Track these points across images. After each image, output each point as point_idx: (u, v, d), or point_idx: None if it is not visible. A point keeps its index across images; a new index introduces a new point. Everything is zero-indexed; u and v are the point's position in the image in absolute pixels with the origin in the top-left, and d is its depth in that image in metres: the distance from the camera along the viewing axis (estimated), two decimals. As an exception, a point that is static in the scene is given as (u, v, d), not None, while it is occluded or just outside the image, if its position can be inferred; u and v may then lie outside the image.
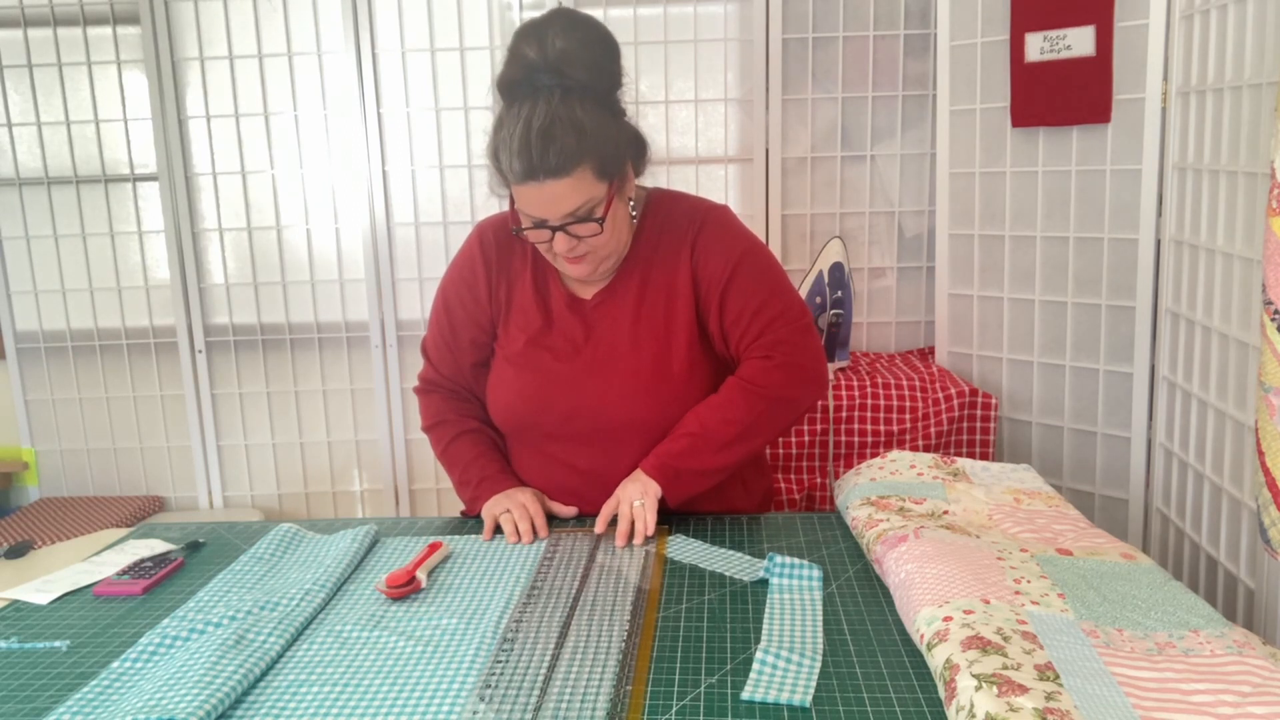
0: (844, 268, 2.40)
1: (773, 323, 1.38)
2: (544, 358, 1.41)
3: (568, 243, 1.28)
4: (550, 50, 1.23)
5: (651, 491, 1.34)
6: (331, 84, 2.71)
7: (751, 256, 1.40)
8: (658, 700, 0.93)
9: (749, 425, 1.37)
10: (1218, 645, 0.94)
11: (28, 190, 2.78)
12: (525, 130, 1.22)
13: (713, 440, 1.36)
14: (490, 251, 1.45)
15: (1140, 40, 2.08)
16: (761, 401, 1.37)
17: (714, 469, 1.37)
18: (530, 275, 1.44)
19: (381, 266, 2.77)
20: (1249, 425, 1.68)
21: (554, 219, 1.26)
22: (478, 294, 1.45)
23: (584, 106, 1.24)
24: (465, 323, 1.47)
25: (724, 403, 1.38)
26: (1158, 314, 2.12)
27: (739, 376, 1.39)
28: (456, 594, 1.18)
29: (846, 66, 2.63)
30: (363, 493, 2.93)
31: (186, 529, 1.46)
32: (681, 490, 1.36)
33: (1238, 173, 1.74)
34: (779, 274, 1.43)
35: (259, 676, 0.99)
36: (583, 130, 1.23)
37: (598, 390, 1.38)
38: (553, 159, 1.21)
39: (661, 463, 1.36)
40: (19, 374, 2.85)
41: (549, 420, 1.41)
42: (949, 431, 2.29)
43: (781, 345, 1.38)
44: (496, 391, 1.46)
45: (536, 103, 1.23)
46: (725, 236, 1.41)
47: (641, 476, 1.36)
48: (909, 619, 1.04)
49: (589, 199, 1.26)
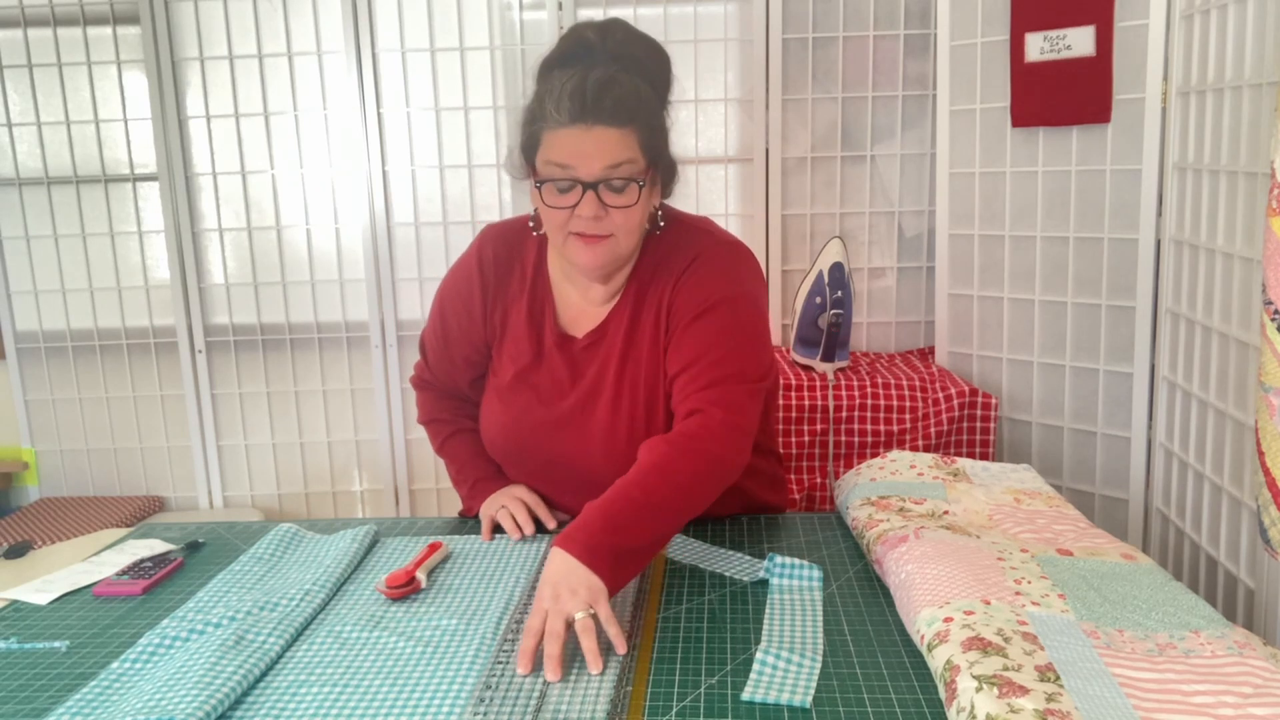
0: (844, 268, 2.40)
1: (724, 378, 1.23)
2: (528, 399, 1.36)
3: (595, 208, 1.20)
4: (611, 40, 1.23)
5: (600, 594, 1.04)
6: (331, 84, 2.71)
7: (729, 305, 1.28)
8: (658, 700, 0.93)
9: (688, 487, 1.16)
10: (1218, 646, 0.94)
11: (28, 190, 2.78)
12: (581, 79, 1.18)
13: (651, 506, 1.13)
14: (489, 272, 1.39)
15: (1140, 40, 2.08)
16: (696, 461, 1.18)
17: (650, 542, 1.13)
18: (526, 303, 1.37)
19: (381, 266, 2.77)
20: (1249, 425, 1.68)
21: (591, 173, 1.18)
22: (473, 313, 1.40)
23: (644, 84, 1.23)
24: (460, 340, 1.43)
25: (660, 463, 1.17)
26: (1158, 314, 2.12)
27: (676, 433, 1.21)
28: (456, 594, 1.18)
29: (846, 66, 2.62)
30: (363, 493, 2.93)
31: (186, 529, 1.46)
32: (621, 579, 1.09)
33: (1238, 173, 1.74)
34: (752, 331, 1.29)
35: (259, 677, 0.99)
36: (641, 96, 1.21)
37: (575, 441, 1.34)
38: (609, 104, 1.17)
39: (595, 543, 1.07)
40: (19, 374, 2.85)
41: (530, 464, 1.40)
42: (949, 431, 2.29)
43: (723, 403, 1.22)
44: (485, 422, 1.44)
45: (594, 65, 1.20)
46: (710, 278, 1.30)
47: (574, 569, 1.05)
48: (909, 620, 1.04)
49: (630, 160, 1.20)
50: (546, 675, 0.97)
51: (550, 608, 1.02)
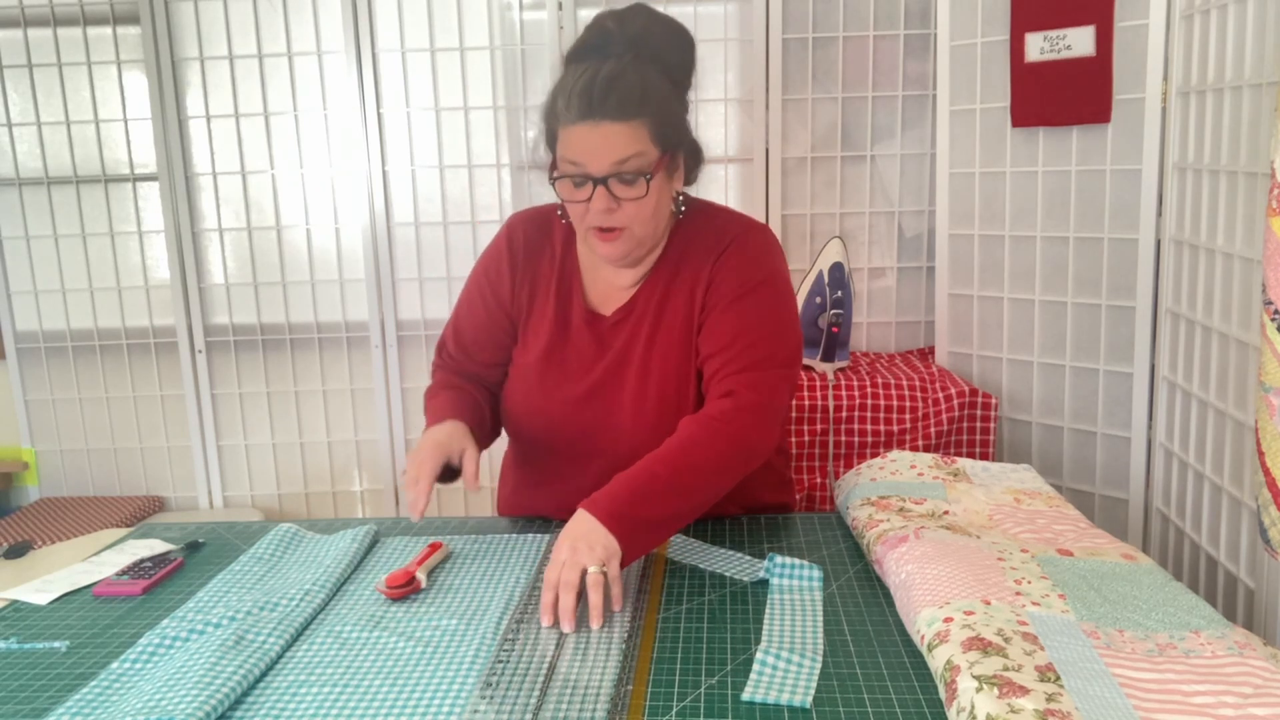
0: (844, 268, 2.40)
1: (759, 362, 1.27)
2: (555, 374, 1.38)
3: (606, 201, 1.23)
4: (630, 27, 1.25)
5: (614, 554, 1.10)
6: (331, 84, 2.71)
7: (768, 288, 1.32)
8: (658, 701, 0.93)
9: (715, 469, 1.21)
10: (1219, 646, 0.94)
11: (28, 190, 2.78)
12: (591, 75, 1.21)
13: (677, 484, 1.17)
14: (519, 252, 1.42)
15: (1140, 40, 2.08)
16: (727, 443, 1.22)
17: (671, 517, 1.18)
18: (555, 283, 1.40)
19: (381, 266, 2.77)
20: (1249, 425, 1.68)
21: (600, 169, 1.21)
22: (501, 292, 1.42)
23: (655, 73, 1.24)
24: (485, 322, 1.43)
25: (689, 442, 1.21)
26: (1158, 314, 2.12)
27: (707, 414, 1.25)
28: (456, 594, 1.18)
29: (846, 66, 2.62)
30: (363, 493, 2.93)
31: (186, 529, 1.46)
32: (637, 549, 1.14)
33: (1238, 173, 1.74)
34: (789, 317, 1.33)
35: (259, 677, 0.99)
36: (649, 87, 1.22)
37: (602, 414, 1.35)
38: (614, 101, 1.19)
39: (619, 510, 1.13)
40: (19, 374, 2.85)
41: (557, 440, 1.40)
42: (949, 431, 2.29)
43: (758, 386, 1.25)
44: (509, 401, 1.44)
45: (607, 59, 1.23)
46: (749, 260, 1.33)
47: (595, 528, 1.11)
48: (909, 620, 1.04)
49: (640, 153, 1.22)
50: (562, 627, 1.05)
51: (567, 559, 1.08)
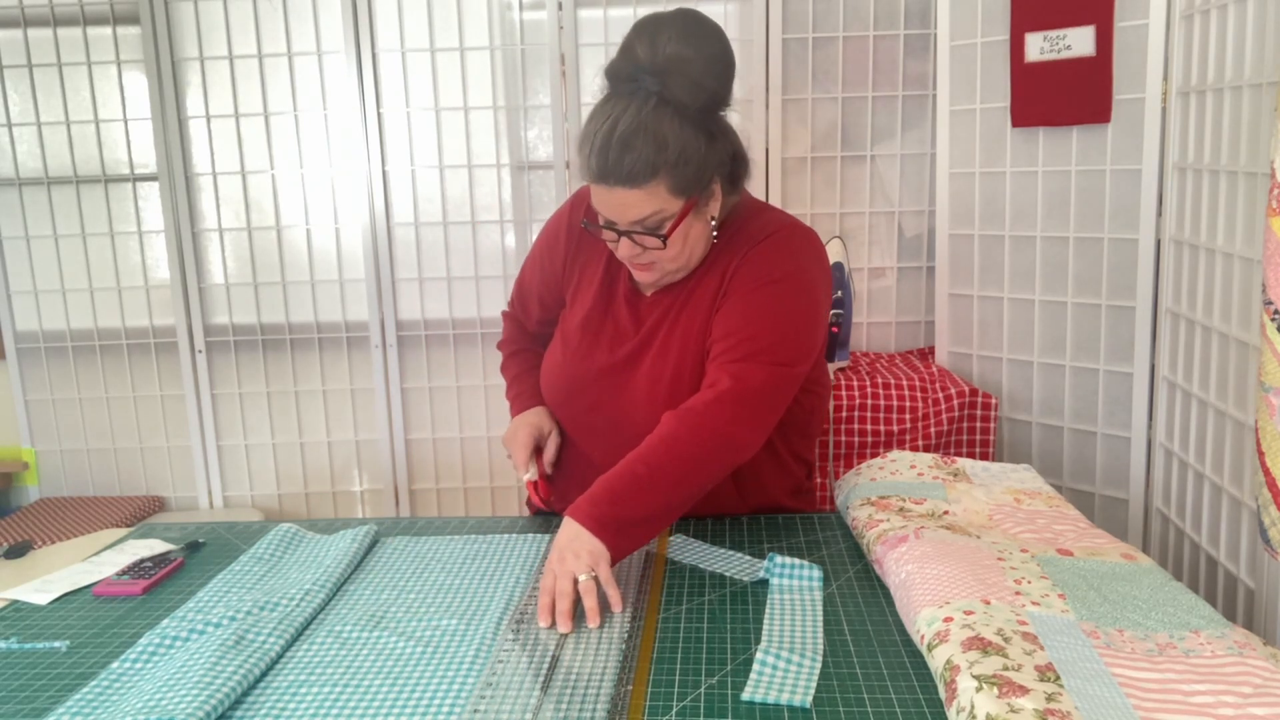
0: (844, 268, 2.40)
1: (755, 354, 1.26)
2: (589, 343, 1.41)
3: (630, 249, 1.27)
4: (660, 53, 1.21)
5: (601, 558, 1.13)
6: (331, 84, 2.71)
7: (789, 283, 1.30)
8: (658, 701, 0.93)
9: (696, 462, 1.21)
10: (1218, 646, 0.94)
11: (28, 190, 2.78)
12: (609, 132, 1.20)
13: (658, 480, 1.18)
14: (577, 227, 1.45)
15: (1140, 40, 2.08)
16: (707, 435, 1.21)
17: (656, 513, 1.19)
18: (607, 256, 1.43)
19: (381, 266, 2.77)
20: (1249, 425, 1.68)
21: (622, 224, 1.25)
22: (555, 255, 1.48)
23: (675, 121, 1.20)
24: (540, 279, 1.52)
25: (669, 437, 1.21)
26: (1158, 314, 2.12)
27: (687, 406, 1.24)
28: (456, 594, 1.18)
29: (846, 66, 2.63)
30: (363, 493, 2.93)
31: (186, 529, 1.46)
32: (625, 548, 1.17)
33: (1238, 173, 1.74)
34: (799, 315, 1.30)
35: (259, 677, 0.99)
36: (665, 145, 1.20)
37: (619, 390, 1.37)
38: (626, 167, 1.19)
39: (601, 513, 1.15)
40: (19, 374, 2.85)
41: (576, 407, 1.42)
42: (949, 431, 2.29)
43: (743, 378, 1.24)
44: (545, 364, 1.49)
45: (629, 105, 1.20)
46: (778, 254, 1.32)
47: (578, 534, 1.14)
48: (909, 620, 1.04)
49: (658, 211, 1.23)
50: (559, 628, 1.07)
51: (558, 569, 1.11)
